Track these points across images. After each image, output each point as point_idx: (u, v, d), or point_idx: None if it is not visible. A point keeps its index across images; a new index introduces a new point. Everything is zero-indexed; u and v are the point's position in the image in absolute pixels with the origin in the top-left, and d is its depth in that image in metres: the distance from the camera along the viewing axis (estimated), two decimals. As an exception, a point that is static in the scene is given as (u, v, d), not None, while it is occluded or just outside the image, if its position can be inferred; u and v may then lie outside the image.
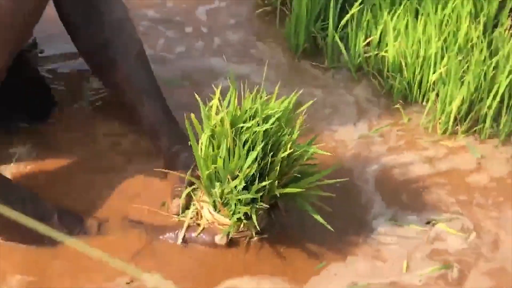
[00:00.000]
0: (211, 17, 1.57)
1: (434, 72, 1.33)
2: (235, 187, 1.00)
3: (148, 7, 1.55)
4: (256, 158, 0.99)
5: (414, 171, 1.23)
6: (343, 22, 1.45)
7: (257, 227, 1.02)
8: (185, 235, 1.09)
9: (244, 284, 1.03)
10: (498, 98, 1.26)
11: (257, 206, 1.01)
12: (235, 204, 1.02)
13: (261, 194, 1.00)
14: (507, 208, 1.17)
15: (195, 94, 1.02)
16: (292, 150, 1.01)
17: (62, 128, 1.27)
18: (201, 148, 1.03)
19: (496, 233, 1.13)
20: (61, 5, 1.21)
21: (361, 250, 1.10)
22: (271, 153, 1.00)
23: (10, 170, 1.15)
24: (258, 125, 1.00)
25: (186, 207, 1.11)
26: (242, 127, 1.00)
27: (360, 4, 1.43)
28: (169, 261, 1.03)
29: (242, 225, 1.05)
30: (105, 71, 1.25)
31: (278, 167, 1.00)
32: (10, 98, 1.22)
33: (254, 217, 1.00)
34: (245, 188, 1.00)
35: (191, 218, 1.09)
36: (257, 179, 1.00)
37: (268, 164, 1.00)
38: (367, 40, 1.43)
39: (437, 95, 1.32)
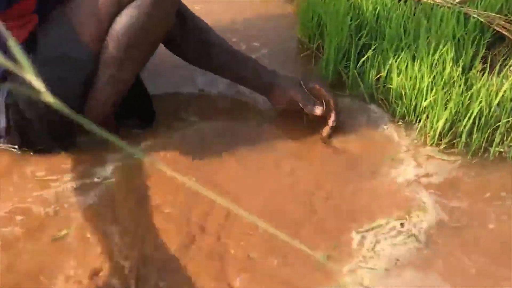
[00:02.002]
0: (266, 59, 1.81)
1: (425, 100, 1.53)
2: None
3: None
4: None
5: (405, 174, 1.43)
6: (360, 62, 1.67)
7: None
8: None
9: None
10: (471, 120, 1.47)
11: None
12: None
13: None
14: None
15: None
16: None
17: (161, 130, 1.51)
18: None
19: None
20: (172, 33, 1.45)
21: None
22: None
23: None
24: None
25: None
26: None
27: (373, 50, 1.66)
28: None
29: None
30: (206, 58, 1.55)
31: None
32: (125, 107, 1.41)
33: None
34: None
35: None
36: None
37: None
38: (378, 76, 1.64)
39: (427, 116, 1.53)
